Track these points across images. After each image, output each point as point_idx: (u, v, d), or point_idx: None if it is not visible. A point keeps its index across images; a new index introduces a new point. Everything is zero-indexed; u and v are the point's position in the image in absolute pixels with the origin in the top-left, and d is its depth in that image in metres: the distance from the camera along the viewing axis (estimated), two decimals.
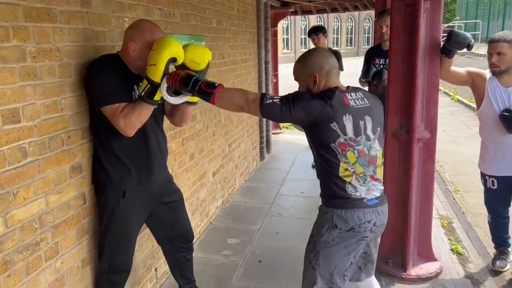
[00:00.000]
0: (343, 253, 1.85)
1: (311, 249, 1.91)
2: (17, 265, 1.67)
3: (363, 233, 1.83)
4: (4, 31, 1.57)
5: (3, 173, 1.58)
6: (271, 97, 1.80)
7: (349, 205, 1.81)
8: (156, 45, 1.83)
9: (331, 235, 1.82)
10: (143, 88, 1.85)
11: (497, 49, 2.64)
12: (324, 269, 1.87)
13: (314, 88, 1.88)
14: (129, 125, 1.86)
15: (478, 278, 3.00)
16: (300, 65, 1.95)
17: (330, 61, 1.90)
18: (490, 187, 2.92)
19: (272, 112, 1.80)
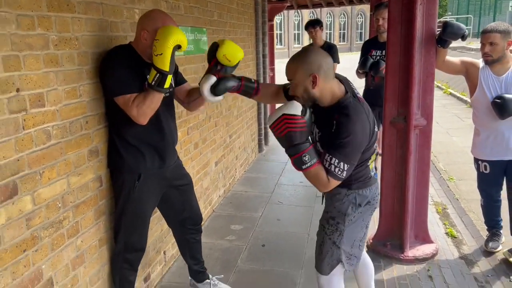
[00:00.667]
0: (361, 226, 2.02)
1: (334, 230, 1.99)
2: (43, 240, 1.77)
3: (375, 204, 2.02)
4: (30, 20, 1.66)
5: (31, 154, 1.69)
6: (338, 168, 1.76)
7: (367, 183, 1.97)
8: (160, 35, 1.90)
9: (355, 213, 1.96)
10: (152, 78, 1.93)
11: (489, 39, 2.77)
12: (346, 245, 2.00)
13: (313, 90, 1.79)
14: (141, 113, 1.95)
15: (471, 258, 3.15)
16: (296, 65, 1.81)
17: (328, 60, 1.82)
18: (482, 172, 3.07)
19: (347, 175, 1.81)
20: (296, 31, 36.81)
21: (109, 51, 2.10)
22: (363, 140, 1.80)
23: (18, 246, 1.64)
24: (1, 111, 1.54)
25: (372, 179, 2.00)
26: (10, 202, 1.59)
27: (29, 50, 1.66)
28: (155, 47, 1.90)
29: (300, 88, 1.81)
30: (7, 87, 1.55)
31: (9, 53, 1.56)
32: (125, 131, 2.10)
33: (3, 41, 1.53)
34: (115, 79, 1.99)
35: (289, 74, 1.85)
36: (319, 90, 1.80)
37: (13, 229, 1.61)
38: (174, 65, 1.96)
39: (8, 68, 1.56)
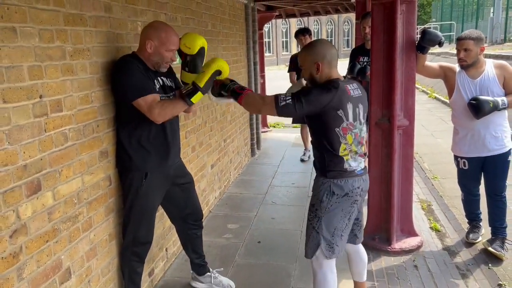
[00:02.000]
0: (340, 215, 2.20)
1: (313, 216, 2.23)
2: (62, 233, 1.95)
3: (355, 197, 2.20)
4: (50, 34, 1.85)
5: (51, 154, 1.87)
6: (284, 98, 2.08)
7: (344, 175, 2.17)
8: (212, 60, 2.24)
9: (330, 201, 2.16)
10: (187, 88, 2.21)
11: (463, 46, 3.02)
12: (326, 232, 2.20)
13: (316, 75, 2.16)
14: (163, 114, 2.17)
15: (454, 249, 3.37)
16: (305, 54, 2.22)
17: (332, 51, 2.18)
18: (462, 168, 3.30)
19: (287, 111, 2.10)
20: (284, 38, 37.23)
21: (120, 60, 2.28)
22: (320, 95, 2.06)
23: (42, 237, 1.81)
24: (27, 115, 1.72)
25: (349, 173, 2.17)
26: (35, 197, 1.77)
27: (49, 60, 1.85)
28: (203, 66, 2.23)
29: (307, 73, 2.22)
30: (32, 93, 1.74)
31: (33, 64, 1.75)
32: (134, 133, 2.29)
33: (29, 53, 1.72)
34: (132, 84, 2.18)
35: (300, 61, 2.27)
36: (320, 76, 2.17)
37: (38, 221, 1.78)
38: (209, 86, 2.25)
39: (33, 77, 1.75)
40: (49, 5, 1.84)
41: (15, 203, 1.66)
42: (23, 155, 1.70)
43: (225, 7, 4.84)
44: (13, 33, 1.64)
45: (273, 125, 8.68)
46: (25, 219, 1.71)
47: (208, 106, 4.14)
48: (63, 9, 1.94)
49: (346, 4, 7.63)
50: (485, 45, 3.13)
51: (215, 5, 4.44)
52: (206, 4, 4.10)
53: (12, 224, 1.65)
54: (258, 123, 6.57)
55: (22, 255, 1.70)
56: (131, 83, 2.17)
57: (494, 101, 2.94)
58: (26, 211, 1.71)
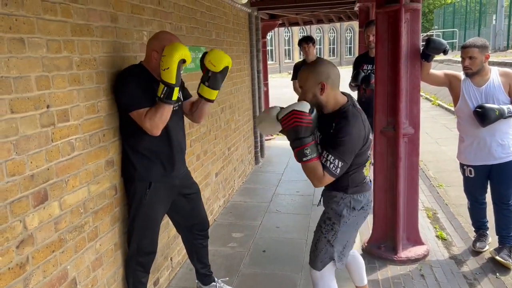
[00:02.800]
0: (354, 228, 2.23)
1: (329, 230, 2.20)
2: (68, 243, 1.94)
3: (368, 210, 2.23)
4: (57, 44, 1.86)
5: (58, 164, 1.87)
6: (332, 163, 1.97)
7: (362, 189, 2.18)
8: (166, 51, 2.11)
9: (350, 215, 2.16)
10: (161, 91, 2.13)
11: (468, 54, 3.02)
12: (339, 245, 2.20)
13: (321, 96, 2.06)
14: (154, 125, 2.15)
15: (461, 258, 3.34)
16: (307, 74, 2.10)
17: (336, 71, 2.11)
18: (468, 176, 3.28)
19: (342, 172, 2.02)
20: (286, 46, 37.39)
21: (123, 70, 2.30)
22: (358, 142, 2.02)
23: (48, 247, 1.81)
24: (35, 125, 1.72)
25: (366, 186, 2.20)
26: (42, 207, 1.77)
27: (56, 70, 1.86)
28: (162, 63, 2.10)
29: (310, 94, 2.09)
30: (39, 103, 1.75)
31: (41, 74, 1.76)
32: (137, 143, 2.29)
33: (36, 63, 1.73)
34: (129, 96, 2.19)
35: (300, 81, 2.14)
36: (325, 97, 2.07)
37: (44, 231, 1.78)
38: (180, 78, 2.16)
39: (40, 87, 1.75)
40: (56, 16, 1.85)
41: (22, 213, 1.66)
42: (30, 165, 1.70)
43: (229, 16, 4.87)
44: (21, 44, 1.65)
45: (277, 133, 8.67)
46: (32, 229, 1.71)
47: (212, 114, 4.15)
48: (70, 19, 1.95)
49: (349, 13, 7.66)
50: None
51: (219, 14, 4.47)
52: (210, 14, 4.13)
53: (19, 234, 1.64)
54: None
55: (28, 266, 1.69)
56: (128, 95, 2.19)
57: (500, 109, 2.93)
58: (33, 221, 1.71)
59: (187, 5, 3.52)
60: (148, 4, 2.77)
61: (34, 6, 1.72)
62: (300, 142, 2.00)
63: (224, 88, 4.54)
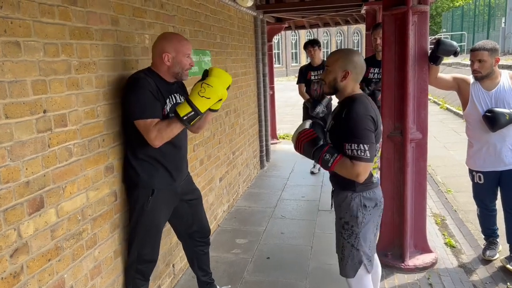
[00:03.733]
0: (373, 227, 2.18)
1: (350, 234, 2.15)
2: (65, 251, 1.90)
3: (382, 206, 2.20)
4: (55, 48, 1.82)
5: (55, 170, 1.83)
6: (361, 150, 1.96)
7: (371, 186, 2.14)
8: (215, 83, 2.10)
9: (364, 214, 2.12)
10: (186, 113, 2.07)
11: (478, 57, 2.94)
12: (364, 246, 2.15)
13: (341, 82, 2.09)
14: (159, 138, 2.10)
15: (470, 267, 3.25)
16: (338, 57, 2.13)
17: (364, 65, 2.15)
18: (477, 182, 3.20)
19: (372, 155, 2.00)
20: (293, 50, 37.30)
21: (131, 77, 2.22)
22: (369, 122, 1.99)
23: (44, 256, 1.76)
24: (30, 131, 1.68)
25: (375, 183, 2.17)
26: (38, 214, 1.72)
27: (54, 74, 1.82)
28: (205, 90, 2.07)
29: (331, 76, 2.11)
30: (35, 108, 1.70)
31: (37, 78, 1.72)
32: (141, 149, 2.24)
33: (32, 67, 1.69)
34: (137, 104, 2.13)
35: (329, 60, 2.15)
36: (344, 84, 2.10)
37: (40, 240, 1.74)
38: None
39: (37, 92, 1.71)
40: (54, 19, 1.81)
41: (17, 221, 1.62)
42: (26, 172, 1.66)
43: (234, 19, 4.83)
44: (17, 47, 1.61)
45: (282, 136, 8.62)
46: (27, 238, 1.67)
47: (216, 118, 4.10)
48: (69, 22, 1.91)
49: (356, 15, 7.59)
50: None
51: (224, 18, 4.42)
52: (215, 17, 4.09)
53: (13, 243, 1.60)
54: (267, 135, 6.51)
55: (23, 275, 1.65)
56: (136, 102, 2.13)
57: (510, 113, 2.85)
58: (27, 229, 1.67)
59: (191, 8, 3.48)
60: (150, 7, 2.73)
61: (31, 9, 1.68)
62: (317, 154, 2.06)
63: (229, 92, 4.48)
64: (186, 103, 2.08)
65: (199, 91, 2.07)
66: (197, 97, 2.07)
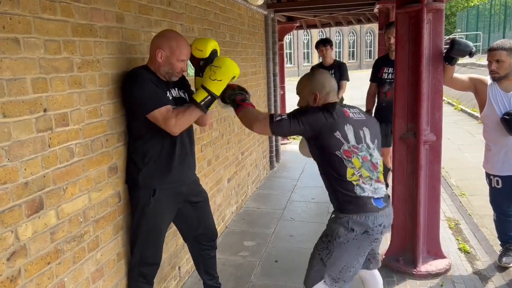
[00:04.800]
0: (355, 253, 2.01)
1: (324, 248, 2.04)
2: (66, 254, 1.84)
3: (375, 235, 1.99)
4: (56, 45, 1.77)
5: (56, 170, 1.77)
6: (280, 115, 2.02)
7: (362, 209, 1.95)
8: (223, 64, 2.08)
9: (347, 237, 1.95)
10: (202, 98, 2.09)
11: (495, 57, 2.83)
12: (335, 266, 2.01)
13: (313, 105, 2.08)
14: (179, 125, 2.08)
15: (485, 274, 3.14)
16: (305, 82, 2.16)
17: (332, 83, 2.12)
18: (495, 186, 3.08)
19: (281, 128, 2.00)
20: (305, 50, 37.11)
21: (130, 72, 2.18)
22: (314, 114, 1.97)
23: (43, 259, 1.71)
24: (30, 130, 1.63)
25: (366, 206, 1.96)
26: (36, 216, 1.67)
27: (55, 72, 1.76)
28: (214, 73, 2.07)
29: (304, 102, 2.15)
30: (35, 107, 1.65)
31: (37, 76, 1.67)
32: (144, 148, 2.19)
33: (32, 65, 1.64)
34: (146, 96, 2.08)
35: (298, 88, 2.20)
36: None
37: (39, 242, 1.69)
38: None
39: (37, 90, 1.66)
40: (56, 15, 1.76)
41: (14, 223, 1.57)
42: (24, 172, 1.61)
43: (244, 18, 4.76)
44: (16, 44, 1.56)
45: (293, 137, 8.53)
46: (25, 240, 1.62)
47: (225, 118, 4.04)
48: (71, 19, 1.86)
49: (369, 15, 7.47)
50: None
51: (234, 16, 4.36)
52: (224, 15, 4.02)
53: (10, 245, 1.55)
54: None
55: (20, 279, 1.60)
56: (145, 95, 2.07)
57: None
58: (26, 231, 1.62)
59: (200, 6, 3.42)
60: (157, 4, 2.67)
61: (31, 5, 1.63)
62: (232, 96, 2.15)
63: None
64: (202, 89, 2.10)
65: (210, 75, 2.08)
66: (209, 81, 2.08)
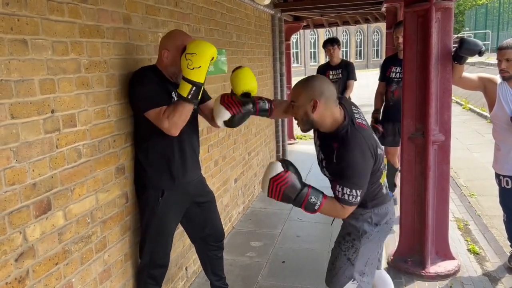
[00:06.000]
0: (376, 245, 2.04)
1: (350, 247, 2.02)
2: (73, 254, 1.85)
3: (392, 223, 2.05)
4: (64, 46, 1.78)
5: (63, 171, 1.78)
6: (350, 195, 1.83)
7: (382, 200, 1.99)
8: (196, 49, 1.94)
9: (372, 231, 1.98)
10: (188, 91, 1.97)
11: (505, 56, 2.79)
12: (360, 263, 2.02)
13: (312, 114, 1.86)
14: (173, 124, 2.02)
15: (495, 275, 3.10)
16: (301, 89, 1.90)
17: (331, 88, 1.88)
18: (504, 187, 3.04)
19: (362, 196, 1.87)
20: (312, 49, 37.03)
21: (136, 72, 2.19)
22: (366, 165, 1.84)
23: (51, 259, 1.72)
24: (37, 131, 1.64)
25: (386, 197, 2.02)
26: (44, 217, 1.68)
27: (63, 74, 1.77)
28: (191, 61, 1.93)
29: (301, 111, 1.89)
30: (43, 108, 1.66)
31: (45, 77, 1.67)
32: (151, 148, 2.19)
33: (40, 66, 1.65)
34: (144, 96, 2.08)
35: (293, 96, 1.94)
36: (318, 115, 1.86)
37: (47, 243, 1.69)
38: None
39: (44, 91, 1.67)
40: (63, 17, 1.77)
41: (22, 224, 1.57)
42: (32, 173, 1.61)
43: (251, 17, 4.75)
44: (24, 45, 1.57)
45: (299, 137, 8.51)
46: (33, 241, 1.62)
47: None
48: (79, 20, 1.86)
49: (376, 14, 7.42)
50: None
51: (241, 16, 4.35)
52: (231, 15, 4.02)
53: (18, 246, 1.56)
54: (284, 135, 6.42)
55: (28, 280, 1.60)
56: (143, 95, 2.08)
57: None
58: (34, 232, 1.62)
59: (207, 6, 3.42)
60: (164, 5, 2.67)
61: (39, 6, 1.63)
62: (300, 199, 1.86)
63: None
64: (184, 82, 1.98)
65: (187, 65, 1.94)
66: (188, 71, 1.95)
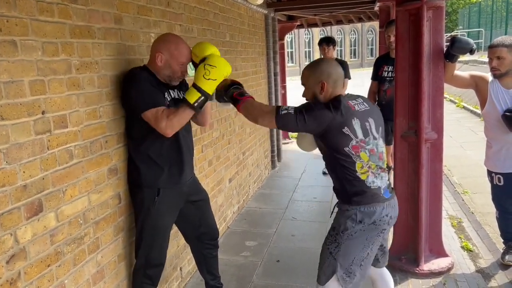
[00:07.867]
0: (363, 244, 2.00)
1: (333, 241, 2.04)
2: (66, 256, 1.84)
3: (383, 225, 1.99)
4: (54, 47, 1.77)
5: (55, 173, 1.77)
6: (286, 108, 1.94)
7: (370, 199, 1.96)
8: (217, 63, 2.03)
9: (354, 228, 1.96)
10: (195, 99, 2.02)
11: (496, 54, 2.81)
12: (344, 259, 2.01)
13: (320, 95, 2.00)
14: (170, 126, 2.03)
15: (488, 272, 3.12)
16: (309, 72, 2.06)
17: (339, 71, 2.03)
18: (496, 184, 3.06)
19: (287, 123, 1.93)
20: (307, 48, 37.08)
21: (129, 72, 2.18)
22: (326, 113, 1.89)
23: (43, 261, 1.71)
24: (28, 133, 1.63)
25: (376, 197, 1.97)
26: (36, 218, 1.67)
27: (53, 74, 1.76)
28: (209, 72, 2.00)
29: (310, 92, 2.05)
30: (33, 109, 1.65)
31: (35, 78, 1.66)
32: (145, 147, 2.18)
33: (30, 67, 1.64)
34: (141, 95, 2.07)
35: (302, 79, 2.09)
36: (324, 95, 2.00)
37: (38, 245, 1.68)
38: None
39: (35, 92, 1.66)
40: (53, 17, 1.76)
41: (13, 226, 1.56)
42: (23, 175, 1.61)
43: (244, 17, 4.75)
44: (13, 46, 1.56)
45: (294, 136, 8.52)
46: (24, 243, 1.62)
47: (225, 118, 4.03)
48: (69, 21, 1.86)
49: (369, 13, 7.45)
50: None
51: (234, 16, 4.35)
52: (224, 15, 4.02)
53: (9, 248, 1.55)
54: (279, 134, 6.42)
55: (20, 282, 1.60)
56: (139, 95, 2.07)
57: None
58: (25, 234, 1.62)
59: (199, 6, 3.41)
60: (156, 5, 2.67)
61: (28, 7, 1.63)
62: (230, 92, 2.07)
63: None
64: (194, 89, 2.02)
65: (203, 74, 2.01)
66: (203, 80, 2.01)
